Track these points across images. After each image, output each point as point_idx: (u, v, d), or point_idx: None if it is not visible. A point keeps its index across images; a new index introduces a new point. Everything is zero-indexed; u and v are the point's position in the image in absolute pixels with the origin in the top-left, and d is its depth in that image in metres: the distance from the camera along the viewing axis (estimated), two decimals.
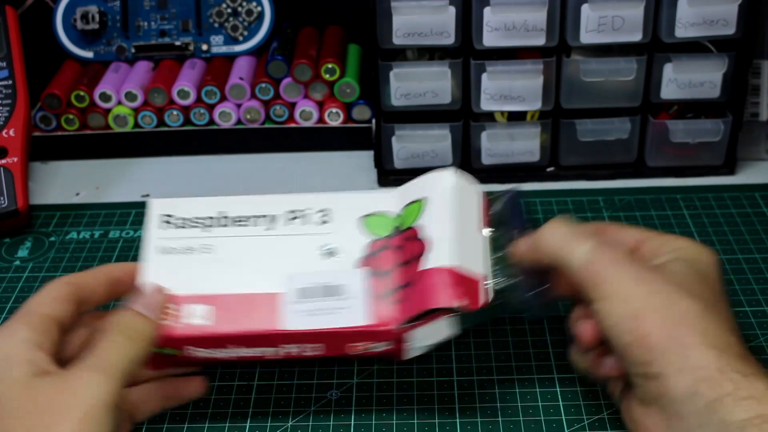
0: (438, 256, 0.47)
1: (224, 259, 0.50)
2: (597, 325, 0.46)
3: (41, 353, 0.44)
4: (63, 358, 0.46)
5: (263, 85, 0.76)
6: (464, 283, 0.46)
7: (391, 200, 0.53)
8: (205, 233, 0.52)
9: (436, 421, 0.50)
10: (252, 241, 0.51)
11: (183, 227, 0.52)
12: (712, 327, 0.42)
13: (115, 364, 0.44)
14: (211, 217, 0.53)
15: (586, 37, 0.65)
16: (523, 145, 0.70)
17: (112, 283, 0.49)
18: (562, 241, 0.47)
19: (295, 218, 0.52)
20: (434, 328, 0.47)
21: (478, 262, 0.48)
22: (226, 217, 0.53)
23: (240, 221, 0.52)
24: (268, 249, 0.51)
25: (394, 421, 0.50)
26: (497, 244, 0.50)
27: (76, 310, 0.47)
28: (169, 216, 0.53)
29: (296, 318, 0.47)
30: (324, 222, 0.52)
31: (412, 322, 0.47)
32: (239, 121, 0.77)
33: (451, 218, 0.49)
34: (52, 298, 0.47)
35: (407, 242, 0.50)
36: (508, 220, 0.51)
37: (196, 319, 0.48)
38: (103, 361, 0.43)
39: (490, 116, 0.70)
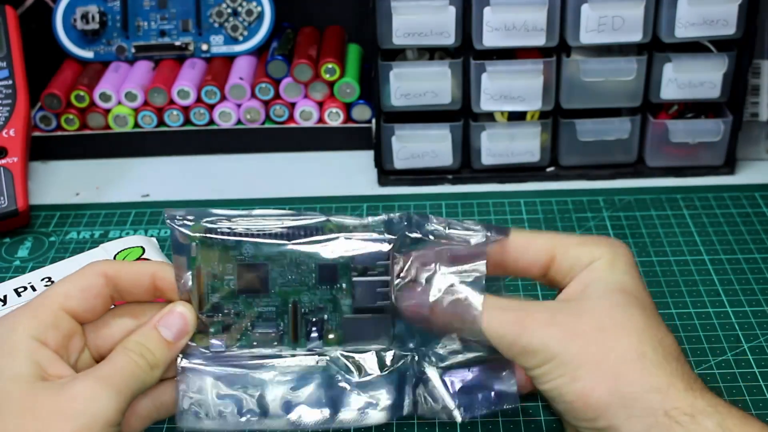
0: None
1: None
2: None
3: (46, 351, 0.42)
4: (89, 353, 0.44)
5: (263, 85, 0.76)
6: None
7: (100, 252, 0.58)
8: None
9: (436, 420, 0.50)
10: None
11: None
12: (651, 363, 0.41)
13: (125, 382, 0.41)
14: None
15: (586, 37, 0.65)
16: (523, 145, 0.70)
17: (152, 287, 0.45)
18: (486, 307, 0.44)
19: (22, 291, 0.55)
20: None
21: None
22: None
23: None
24: None
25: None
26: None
27: (106, 304, 0.45)
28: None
29: None
30: (49, 284, 0.55)
31: None
32: (239, 121, 0.77)
33: None
34: (79, 289, 0.44)
35: None
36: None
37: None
38: (114, 377, 0.41)
39: (490, 116, 0.70)
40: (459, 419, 0.47)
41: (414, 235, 0.46)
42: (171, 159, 0.77)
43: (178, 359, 0.46)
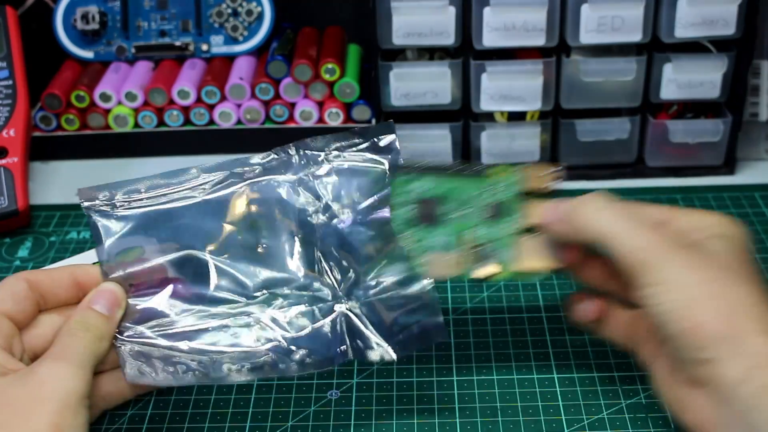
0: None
1: None
2: (600, 308, 0.49)
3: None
4: (26, 355, 0.46)
5: (263, 85, 0.76)
6: None
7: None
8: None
9: (436, 421, 0.50)
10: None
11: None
12: (765, 312, 0.42)
13: (81, 356, 0.44)
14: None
15: (586, 37, 0.65)
16: (523, 145, 0.70)
17: (74, 285, 0.48)
18: (607, 222, 0.45)
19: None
20: None
21: None
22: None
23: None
24: None
25: (394, 421, 0.50)
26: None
27: (34, 308, 0.47)
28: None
29: None
30: None
31: None
32: (239, 121, 0.77)
33: None
34: (7, 294, 0.46)
35: None
36: None
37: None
38: (69, 354, 0.43)
39: (490, 116, 0.70)
40: (395, 357, 0.47)
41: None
42: (171, 159, 0.77)
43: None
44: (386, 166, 0.51)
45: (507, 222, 0.49)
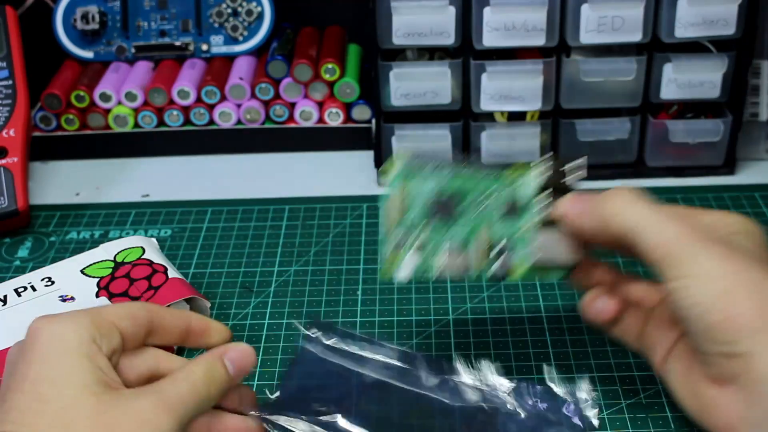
0: (171, 272, 0.57)
1: None
2: (617, 306, 0.48)
3: (104, 359, 0.42)
4: (121, 376, 0.44)
5: (263, 85, 0.76)
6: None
7: (101, 252, 0.60)
8: None
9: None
10: None
11: None
12: None
13: (186, 405, 0.42)
14: None
15: (586, 37, 0.65)
16: (523, 145, 0.70)
17: (185, 331, 0.47)
18: (637, 215, 0.45)
19: (22, 291, 0.56)
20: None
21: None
22: None
23: None
24: (11, 319, 0.54)
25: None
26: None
27: (144, 337, 0.46)
28: None
29: None
30: (49, 285, 0.57)
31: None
32: (239, 121, 0.77)
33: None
34: (125, 313, 0.45)
35: (134, 268, 0.58)
36: None
37: None
38: (177, 402, 0.42)
39: (490, 116, 0.70)
40: None
41: None
42: (171, 159, 0.77)
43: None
44: None
45: (525, 218, 0.48)
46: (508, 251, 0.48)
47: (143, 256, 0.59)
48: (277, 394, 0.49)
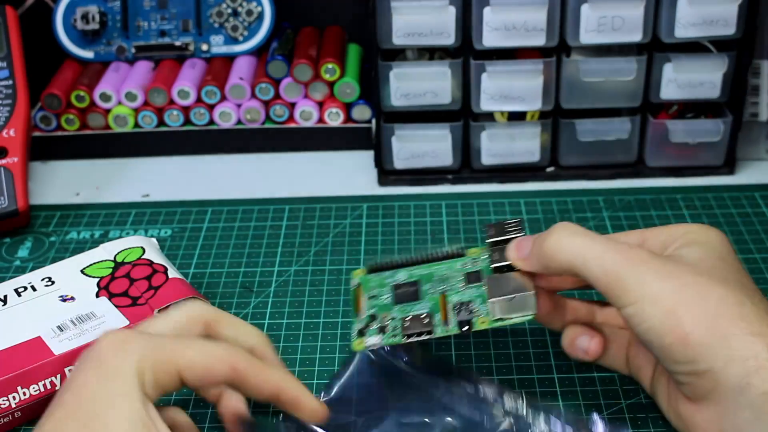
0: (172, 272, 0.57)
1: None
2: (601, 341, 0.48)
3: (153, 409, 0.41)
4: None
5: (263, 85, 0.76)
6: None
7: (101, 252, 0.59)
8: None
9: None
10: None
11: None
12: (750, 312, 0.40)
13: None
14: None
15: (586, 37, 0.65)
16: (523, 145, 0.70)
17: (277, 398, 0.45)
18: (577, 248, 0.44)
19: (23, 291, 0.56)
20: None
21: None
22: None
23: None
24: (11, 319, 0.54)
25: None
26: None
27: (220, 384, 0.45)
28: None
29: (64, 344, 0.51)
30: (49, 285, 0.56)
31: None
32: (239, 121, 0.77)
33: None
34: (204, 367, 0.43)
35: (134, 268, 0.57)
36: None
37: None
38: None
39: (490, 116, 0.70)
40: None
41: None
42: (171, 159, 0.77)
43: None
44: None
45: (484, 281, 0.49)
46: (471, 307, 0.48)
47: (143, 256, 0.59)
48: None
